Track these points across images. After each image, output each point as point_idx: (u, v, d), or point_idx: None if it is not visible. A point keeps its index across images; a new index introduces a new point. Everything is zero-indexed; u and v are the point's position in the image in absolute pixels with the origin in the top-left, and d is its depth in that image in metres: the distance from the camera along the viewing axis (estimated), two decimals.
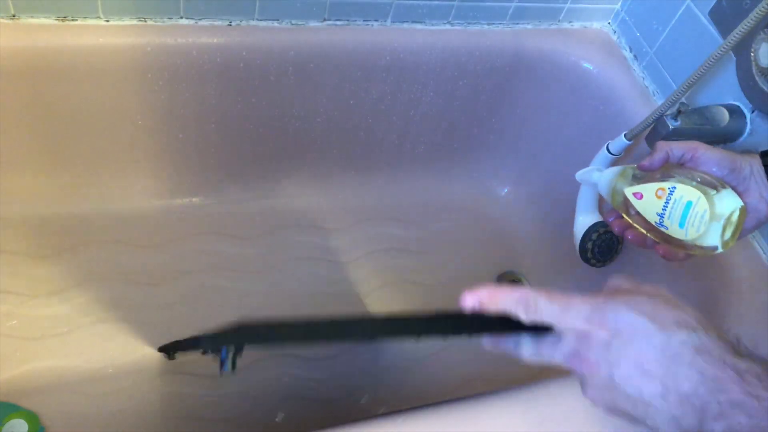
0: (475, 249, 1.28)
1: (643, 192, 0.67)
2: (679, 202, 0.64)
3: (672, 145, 0.65)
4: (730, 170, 0.63)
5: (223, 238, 1.16)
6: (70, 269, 1.06)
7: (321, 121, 1.14)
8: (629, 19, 1.15)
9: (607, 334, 0.43)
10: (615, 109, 1.11)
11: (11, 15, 0.89)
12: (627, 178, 0.70)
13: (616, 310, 0.43)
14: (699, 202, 0.62)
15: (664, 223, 0.65)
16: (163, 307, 1.06)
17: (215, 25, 0.98)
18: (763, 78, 0.87)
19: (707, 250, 0.64)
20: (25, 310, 1.00)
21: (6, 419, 0.88)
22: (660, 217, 0.65)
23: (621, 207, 0.70)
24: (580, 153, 1.10)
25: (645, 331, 0.42)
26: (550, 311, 0.45)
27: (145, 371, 0.99)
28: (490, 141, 1.29)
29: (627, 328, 0.42)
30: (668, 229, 0.65)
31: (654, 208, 0.66)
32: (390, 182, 1.30)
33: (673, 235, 0.65)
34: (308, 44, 1.02)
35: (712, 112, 0.93)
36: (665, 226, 0.65)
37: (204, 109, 1.05)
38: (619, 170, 0.72)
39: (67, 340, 0.99)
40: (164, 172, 1.14)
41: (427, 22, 1.08)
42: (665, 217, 0.65)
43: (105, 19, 0.93)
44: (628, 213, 0.70)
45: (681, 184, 0.64)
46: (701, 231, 0.62)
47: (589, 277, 1.16)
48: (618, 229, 0.71)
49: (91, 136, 1.04)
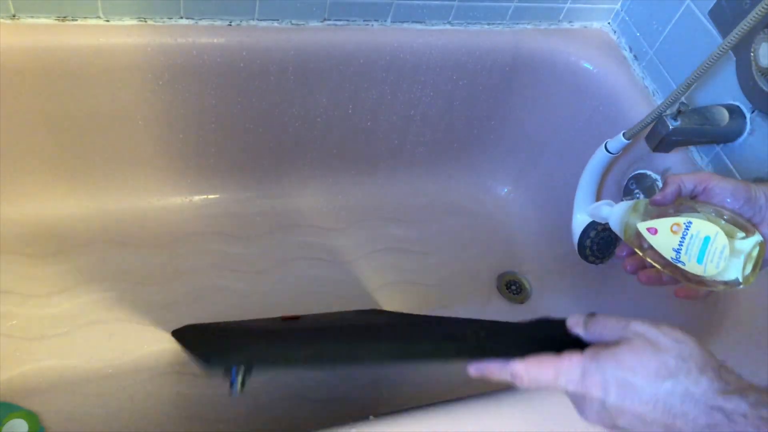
0: (475, 249, 1.28)
1: (658, 227, 0.65)
2: (696, 238, 0.62)
3: (683, 178, 0.63)
4: (744, 201, 0.61)
5: (223, 238, 1.16)
6: (70, 269, 1.06)
7: (321, 121, 1.14)
8: (629, 19, 1.15)
9: (599, 394, 0.45)
10: (615, 109, 1.11)
11: (11, 15, 0.89)
12: (639, 212, 0.67)
13: (603, 370, 0.46)
14: (717, 237, 0.60)
15: (681, 259, 0.63)
16: (163, 307, 1.06)
17: (215, 25, 0.98)
18: (763, 78, 0.87)
19: (729, 286, 0.62)
20: (25, 310, 1.00)
21: (6, 419, 0.88)
22: (677, 252, 0.63)
23: (633, 242, 0.68)
24: (580, 153, 1.10)
25: (632, 387, 0.44)
26: (544, 379, 0.48)
27: (145, 371, 0.99)
28: (490, 141, 1.29)
29: (616, 386, 0.45)
30: (685, 265, 0.63)
31: (670, 244, 0.64)
32: (390, 182, 1.30)
33: (691, 271, 0.63)
34: (308, 44, 1.02)
35: (712, 112, 0.93)
36: (682, 262, 0.63)
37: (204, 109, 1.05)
38: (630, 204, 0.70)
39: (67, 340, 0.99)
40: (164, 172, 1.14)
41: (427, 22, 1.08)
42: (682, 252, 0.63)
43: (105, 19, 0.93)
44: (641, 247, 0.67)
45: (697, 219, 0.62)
46: (721, 267, 0.61)
47: (588, 276, 1.16)
48: (631, 268, 0.69)
49: (91, 136, 1.04)
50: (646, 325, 0.48)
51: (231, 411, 0.98)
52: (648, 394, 0.44)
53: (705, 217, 0.62)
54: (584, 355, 0.47)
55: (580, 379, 0.46)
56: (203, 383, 0.99)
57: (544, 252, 1.27)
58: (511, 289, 1.24)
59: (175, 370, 1.00)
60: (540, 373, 0.48)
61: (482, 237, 1.30)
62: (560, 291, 1.22)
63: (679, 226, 0.63)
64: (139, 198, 1.15)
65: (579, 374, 0.47)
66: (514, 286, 1.24)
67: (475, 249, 1.28)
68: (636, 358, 0.45)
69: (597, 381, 0.46)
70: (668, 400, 0.43)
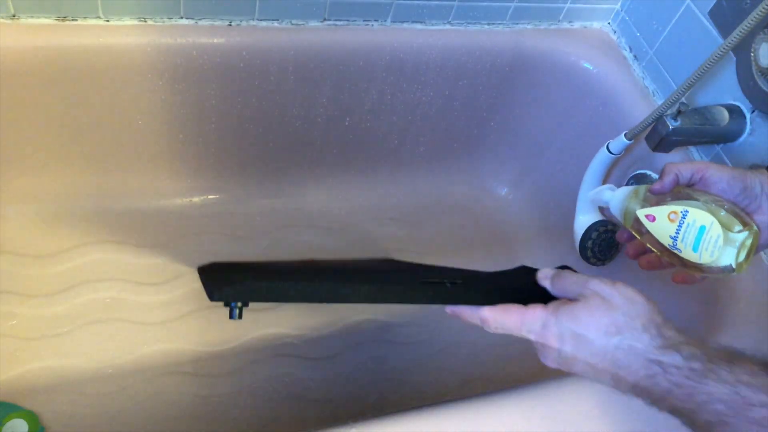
0: (475, 249, 1.28)
1: (656, 215, 0.66)
2: (692, 227, 0.63)
3: (680, 167, 0.65)
4: (741, 190, 0.63)
5: (223, 238, 1.16)
6: (71, 269, 1.06)
7: (321, 121, 1.14)
8: (629, 19, 1.15)
9: (556, 344, 0.52)
10: (615, 109, 1.11)
11: (11, 15, 0.89)
12: (639, 198, 0.69)
13: (561, 323, 0.52)
14: (712, 226, 0.62)
15: (677, 246, 0.65)
16: (163, 307, 1.06)
17: (215, 25, 0.98)
18: (763, 78, 0.87)
19: (723, 273, 0.64)
20: (25, 310, 1.00)
21: (6, 419, 0.88)
22: (674, 240, 0.65)
23: (633, 226, 0.70)
24: (580, 153, 1.11)
25: (585, 340, 0.51)
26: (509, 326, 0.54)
27: (145, 371, 0.99)
28: (490, 141, 1.29)
29: (571, 339, 0.52)
30: (681, 252, 0.65)
31: (667, 231, 0.66)
32: (390, 182, 1.30)
33: (687, 258, 0.65)
34: (308, 44, 1.02)
35: (712, 112, 0.93)
36: (678, 249, 0.65)
37: (204, 109, 1.05)
38: (631, 190, 0.71)
39: (67, 340, 0.99)
40: (164, 173, 1.14)
41: (427, 22, 1.08)
42: (679, 240, 0.65)
43: (105, 19, 0.93)
44: (640, 232, 0.69)
45: (693, 208, 0.63)
46: (715, 256, 0.63)
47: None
48: (632, 252, 0.71)
49: (91, 137, 1.04)
50: (603, 283, 0.54)
51: (231, 411, 0.98)
52: (598, 347, 0.50)
53: (703, 207, 0.63)
54: (546, 309, 0.54)
55: (541, 330, 0.53)
56: (203, 383, 1.00)
57: (543, 252, 1.27)
58: None
59: (175, 370, 1.00)
60: (505, 321, 0.54)
61: (482, 237, 1.30)
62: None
63: (677, 215, 0.65)
64: (139, 198, 1.15)
65: (540, 325, 0.53)
66: None
67: (474, 249, 1.28)
68: (590, 314, 0.52)
69: (555, 333, 0.52)
70: (615, 353, 0.50)
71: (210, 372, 1.01)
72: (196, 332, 1.04)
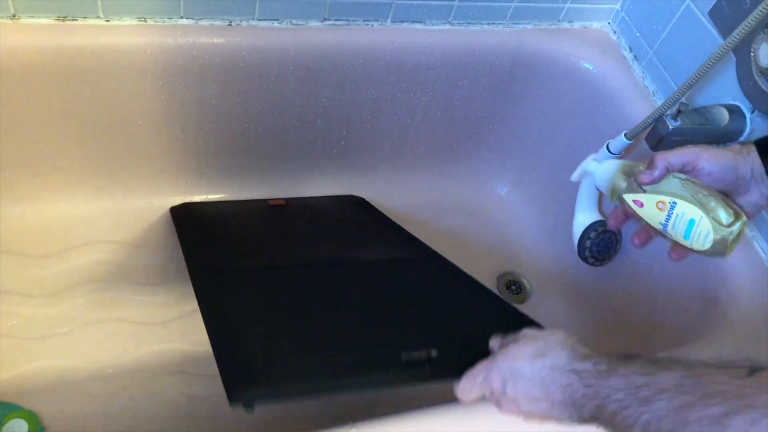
0: (475, 249, 1.28)
1: (644, 201, 0.67)
2: (681, 218, 0.64)
3: (671, 159, 0.65)
4: (732, 181, 0.64)
5: None
6: (70, 269, 1.06)
7: (321, 121, 1.14)
8: (629, 19, 1.15)
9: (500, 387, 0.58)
10: (615, 109, 1.11)
11: (11, 15, 0.89)
12: (626, 181, 0.69)
13: (499, 365, 0.59)
14: (702, 221, 0.63)
15: (668, 231, 0.66)
16: (163, 307, 1.06)
17: (215, 25, 0.98)
18: (763, 78, 0.87)
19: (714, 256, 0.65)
20: (25, 310, 1.00)
21: (6, 419, 0.88)
22: (663, 226, 0.66)
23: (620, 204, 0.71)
24: (580, 153, 1.10)
25: (519, 371, 0.57)
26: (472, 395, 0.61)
27: (145, 371, 0.99)
28: (490, 141, 1.29)
29: (510, 378, 0.57)
30: (673, 237, 0.66)
31: (657, 218, 0.66)
32: (390, 182, 1.30)
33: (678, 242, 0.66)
34: (308, 44, 1.02)
35: (712, 112, 0.93)
36: (670, 234, 0.66)
37: (204, 109, 1.05)
38: (618, 165, 0.71)
39: (67, 340, 0.99)
40: (164, 173, 1.14)
41: (427, 22, 1.08)
42: (669, 227, 0.66)
43: (105, 19, 0.93)
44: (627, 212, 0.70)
45: (681, 201, 0.64)
46: (706, 246, 0.64)
47: (588, 276, 1.16)
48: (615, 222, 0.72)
49: (91, 137, 1.04)
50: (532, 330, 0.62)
51: (231, 411, 0.98)
52: (528, 374, 0.56)
53: (691, 200, 0.64)
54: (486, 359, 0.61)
55: (484, 380, 0.59)
56: (203, 383, 1.00)
57: (543, 252, 1.27)
58: (511, 289, 1.24)
59: (176, 370, 1.00)
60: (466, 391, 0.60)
61: (482, 237, 1.30)
62: (560, 291, 1.22)
63: (665, 204, 0.65)
64: (139, 198, 1.15)
65: (483, 377, 0.59)
66: (514, 286, 1.24)
67: (475, 249, 1.28)
68: (519, 347, 0.59)
69: (496, 377, 0.58)
70: (542, 375, 0.55)
71: (210, 372, 1.01)
72: (196, 332, 1.04)
